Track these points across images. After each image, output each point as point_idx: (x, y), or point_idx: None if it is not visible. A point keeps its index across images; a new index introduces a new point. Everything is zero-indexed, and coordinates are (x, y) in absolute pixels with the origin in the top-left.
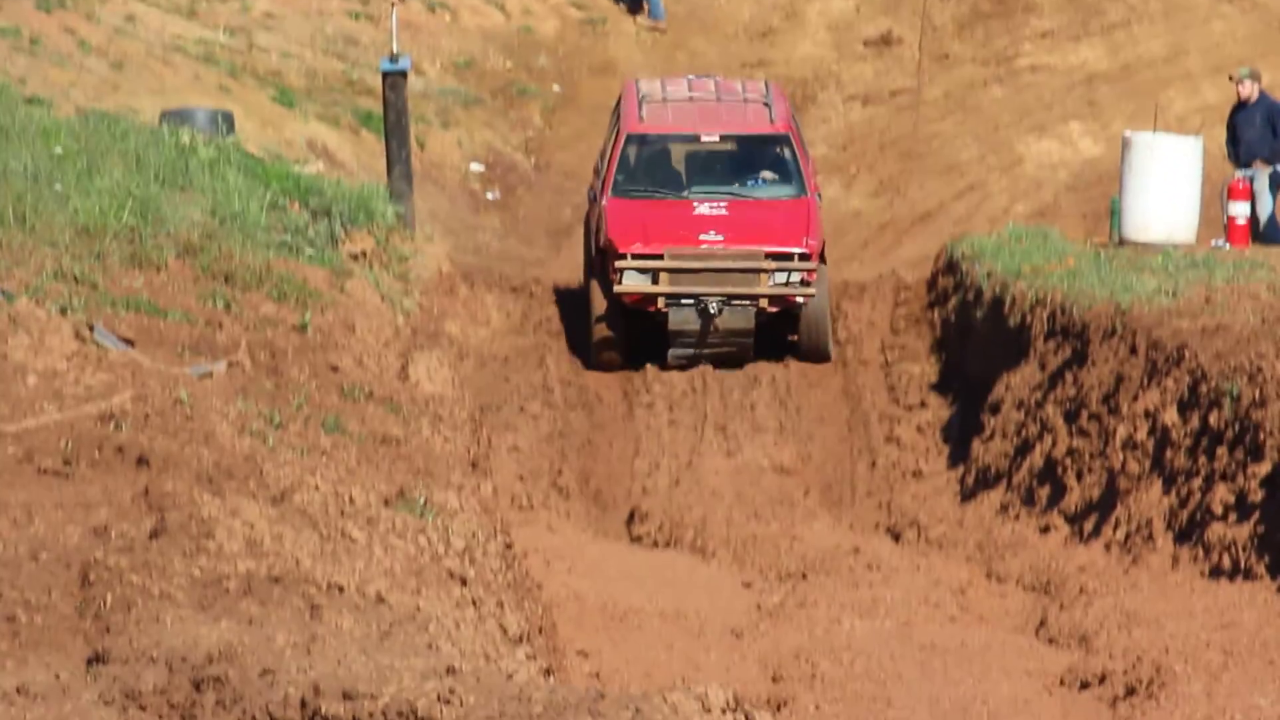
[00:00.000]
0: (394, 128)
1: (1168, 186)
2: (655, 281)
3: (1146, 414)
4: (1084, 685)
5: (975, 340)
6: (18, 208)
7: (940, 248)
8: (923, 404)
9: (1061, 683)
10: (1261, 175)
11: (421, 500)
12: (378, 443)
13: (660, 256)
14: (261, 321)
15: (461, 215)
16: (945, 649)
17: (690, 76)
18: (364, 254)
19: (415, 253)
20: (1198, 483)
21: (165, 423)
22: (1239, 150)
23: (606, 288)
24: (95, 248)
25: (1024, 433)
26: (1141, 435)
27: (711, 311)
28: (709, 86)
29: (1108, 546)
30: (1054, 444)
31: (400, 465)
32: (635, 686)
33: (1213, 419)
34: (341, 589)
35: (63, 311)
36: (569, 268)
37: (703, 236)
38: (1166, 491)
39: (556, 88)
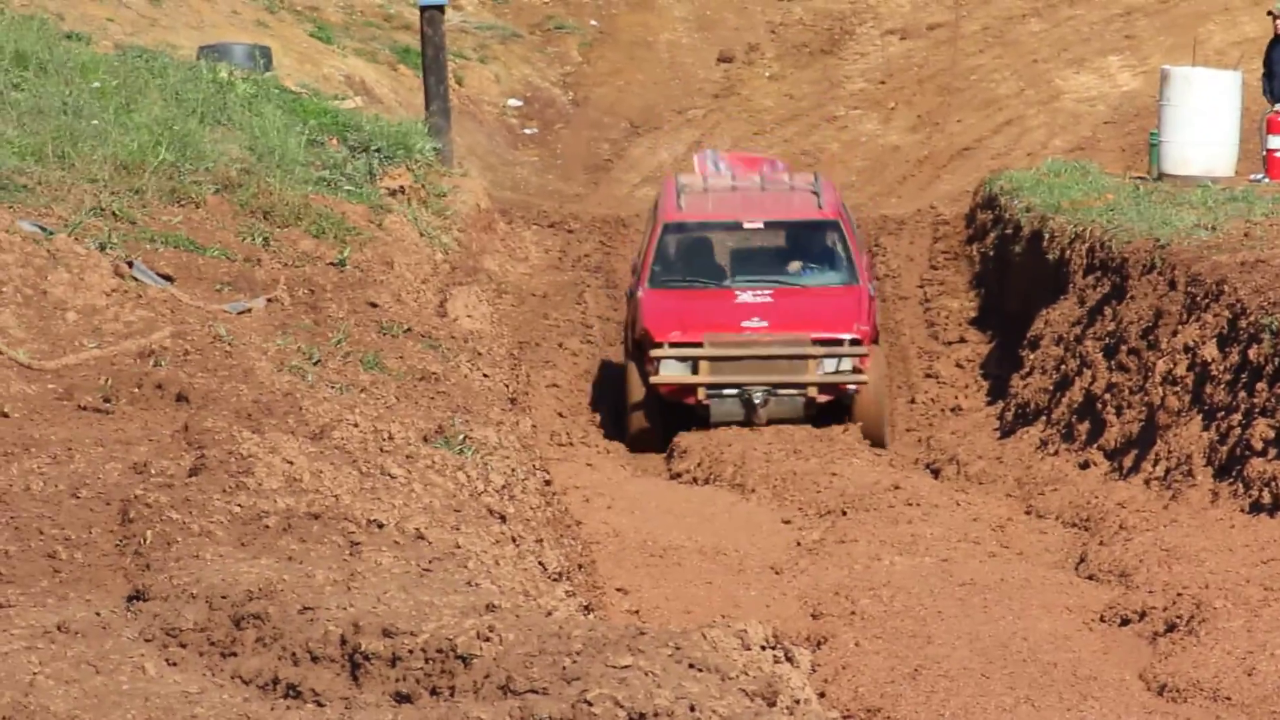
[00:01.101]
0: (431, 63)
1: (1206, 121)
2: (695, 371)
3: (1186, 349)
4: (1124, 621)
5: (1014, 275)
6: (57, 144)
7: (978, 182)
8: (962, 340)
9: (1101, 619)
10: None
11: (461, 437)
12: (416, 379)
13: (699, 344)
14: (300, 258)
15: (499, 151)
16: (985, 585)
17: (733, 171)
18: (402, 190)
19: (453, 188)
20: (1237, 418)
21: (204, 359)
22: (1275, 85)
23: (644, 378)
24: (134, 184)
25: (1063, 368)
26: (1181, 370)
27: (756, 401)
28: (754, 178)
29: (1147, 482)
30: (1093, 379)
31: (439, 402)
32: (675, 623)
33: (1252, 354)
34: (381, 526)
35: (102, 248)
36: (608, 203)
37: (745, 323)
38: (1206, 427)
39: (594, 23)
